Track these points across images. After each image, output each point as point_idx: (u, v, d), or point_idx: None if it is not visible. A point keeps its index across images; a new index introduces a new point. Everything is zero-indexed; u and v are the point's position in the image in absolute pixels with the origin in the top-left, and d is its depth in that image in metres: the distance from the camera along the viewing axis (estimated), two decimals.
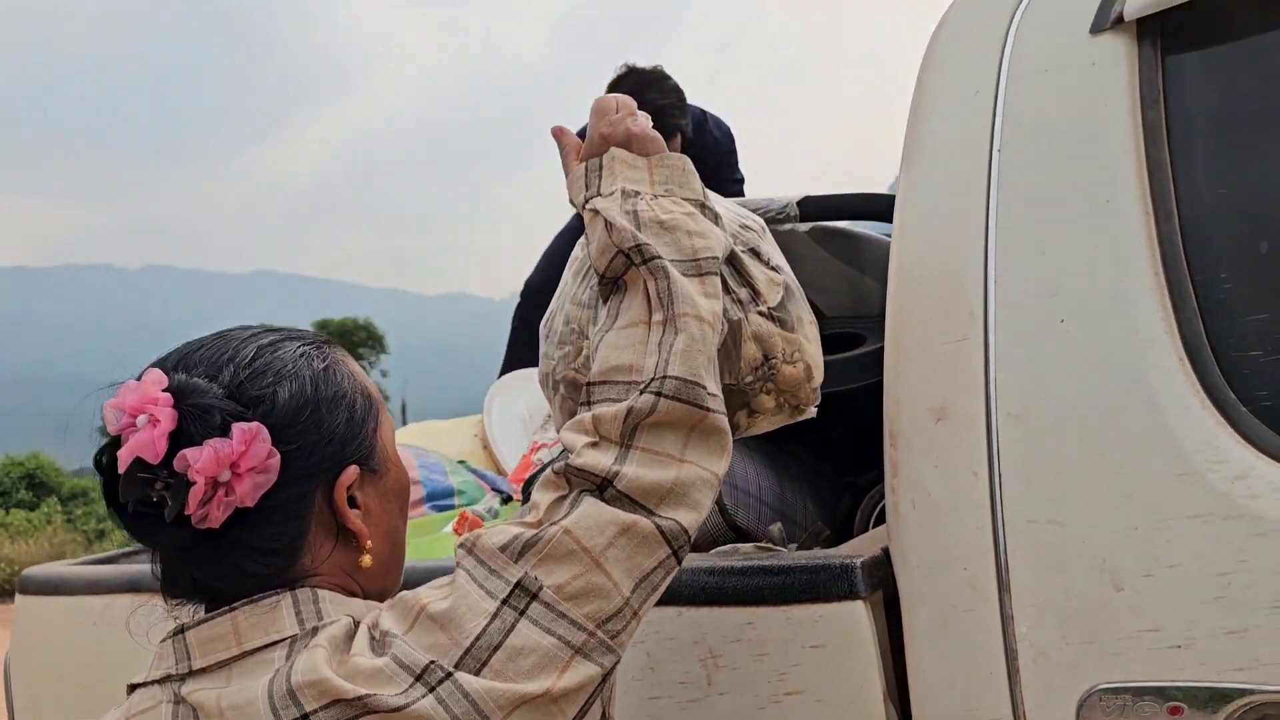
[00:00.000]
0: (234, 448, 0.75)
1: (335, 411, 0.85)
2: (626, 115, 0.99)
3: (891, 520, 0.93)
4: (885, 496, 0.96)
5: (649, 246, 0.88)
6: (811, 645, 0.94)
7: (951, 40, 1.02)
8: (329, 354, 0.90)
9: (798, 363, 1.04)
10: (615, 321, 0.90)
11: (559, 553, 0.77)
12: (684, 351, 0.84)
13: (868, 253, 1.50)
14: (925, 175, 0.98)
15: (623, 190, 0.94)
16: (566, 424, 0.87)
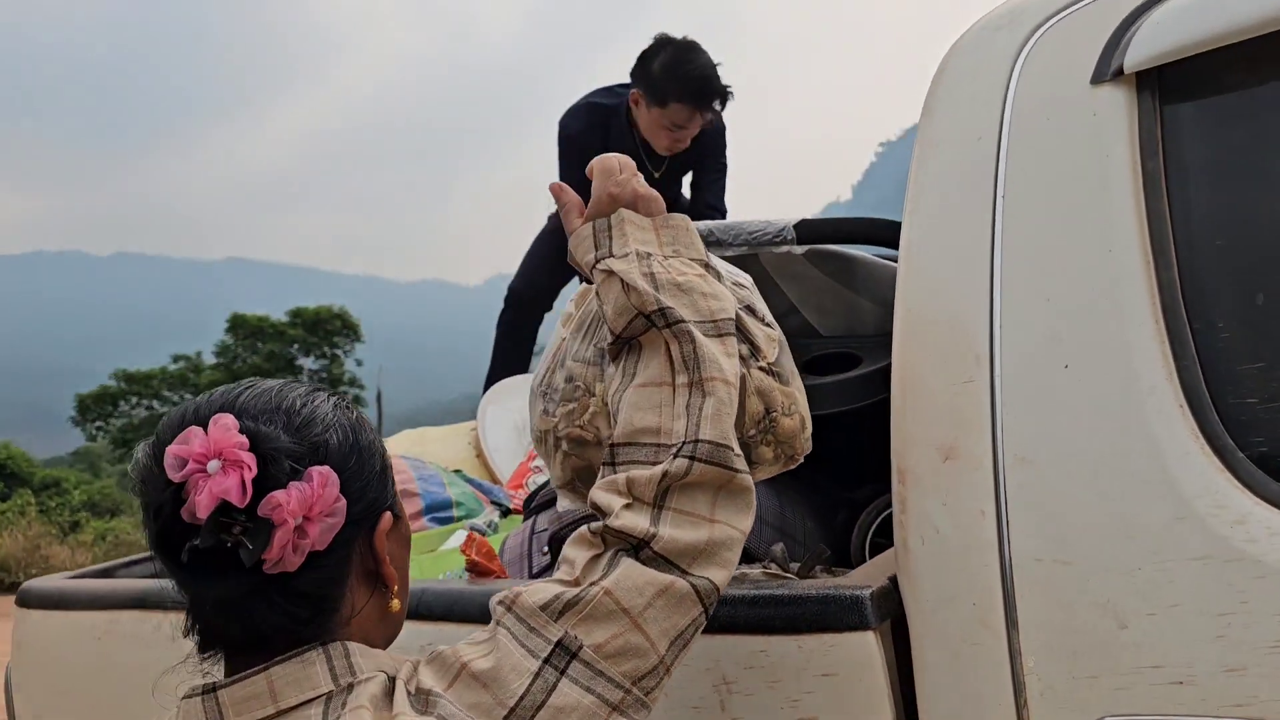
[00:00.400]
0: (315, 490, 0.77)
1: (372, 459, 0.88)
2: (632, 175, 1.03)
3: (901, 554, 0.97)
4: (894, 529, 0.99)
5: (672, 310, 0.91)
6: (823, 673, 0.97)
7: (953, 86, 1.05)
8: (353, 406, 0.93)
9: (794, 415, 1.08)
10: (633, 380, 0.93)
11: (600, 613, 0.80)
12: (714, 415, 0.87)
13: (862, 274, 1.53)
14: (930, 220, 1.01)
15: (636, 252, 0.96)
16: (598, 484, 0.90)
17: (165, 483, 0.78)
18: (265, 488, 0.76)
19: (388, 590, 0.88)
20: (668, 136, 2.80)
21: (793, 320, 1.62)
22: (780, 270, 1.59)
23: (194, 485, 0.75)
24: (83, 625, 1.77)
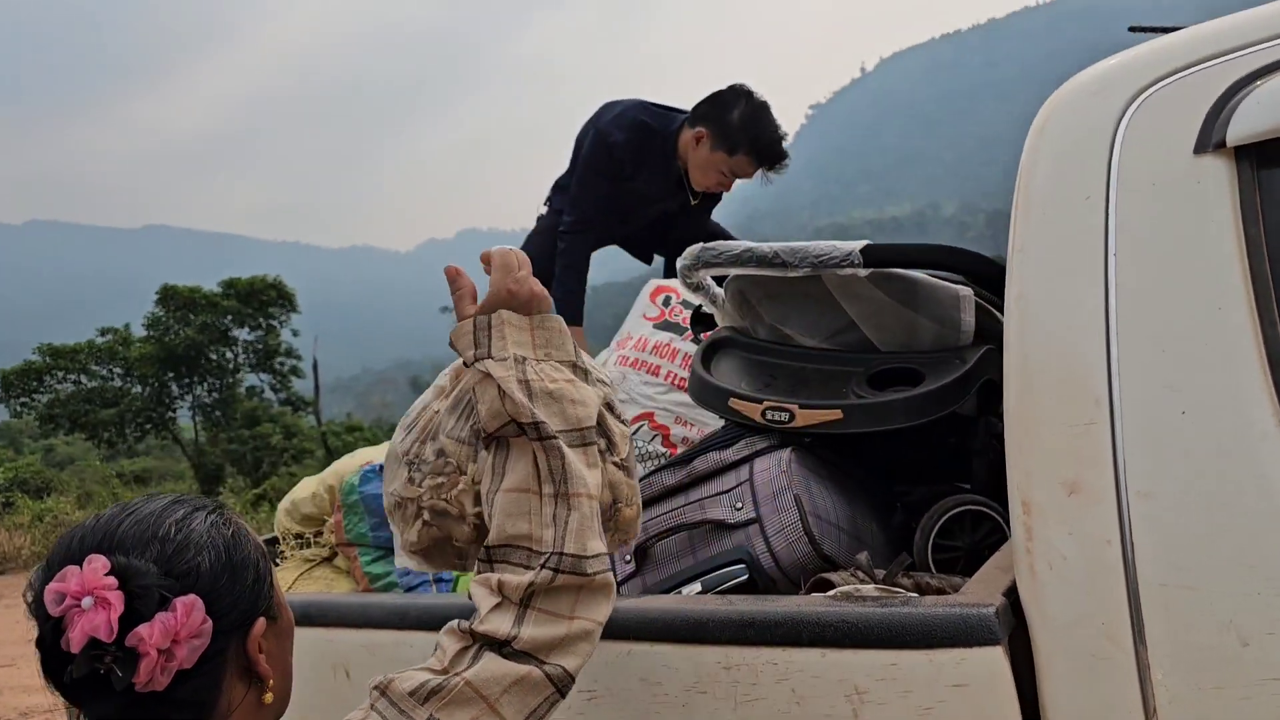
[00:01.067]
0: (178, 619, 0.88)
1: (245, 572, 0.99)
2: (529, 273, 1.14)
3: (1026, 578, 1.08)
4: (1017, 554, 1.10)
5: (545, 425, 1.04)
6: (954, 684, 1.08)
7: (1056, 147, 1.15)
8: (231, 519, 1.04)
9: (634, 505, 1.24)
10: (503, 482, 1.06)
11: (460, 699, 0.95)
12: (578, 530, 1.02)
13: (923, 295, 1.64)
14: (1041, 273, 1.12)
15: (515, 357, 1.08)
16: (475, 579, 1.06)
17: (46, 615, 0.89)
18: (132, 622, 0.86)
19: (263, 684, 1.00)
20: (718, 180, 2.98)
21: (851, 335, 1.73)
22: (843, 290, 1.69)
23: (69, 620, 0.87)
24: None
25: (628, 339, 2.37)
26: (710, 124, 2.95)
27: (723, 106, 2.95)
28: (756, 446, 1.62)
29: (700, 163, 2.97)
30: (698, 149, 2.97)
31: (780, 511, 1.52)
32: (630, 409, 2.28)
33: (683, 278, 1.83)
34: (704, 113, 2.98)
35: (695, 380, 1.76)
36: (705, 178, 2.99)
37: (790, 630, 1.19)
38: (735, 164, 2.92)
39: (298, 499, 2.26)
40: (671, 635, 1.28)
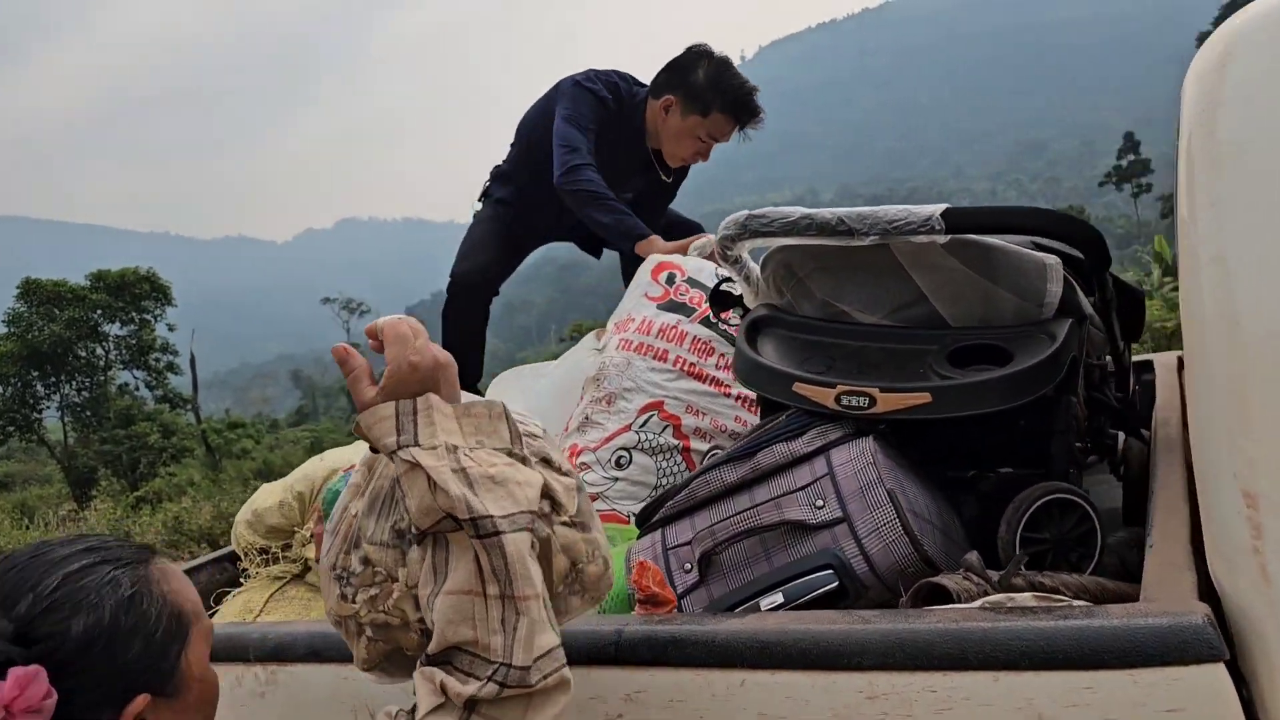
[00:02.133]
0: (7, 692, 0.80)
1: (132, 641, 0.91)
2: (426, 340, 1.02)
3: (1258, 582, 0.93)
4: (1232, 556, 0.95)
5: (485, 521, 0.92)
6: (1168, 709, 0.93)
7: (1249, 87, 1.00)
8: (140, 575, 0.94)
9: (598, 560, 1.10)
10: (445, 584, 0.95)
11: None
12: (527, 637, 0.93)
13: (1002, 264, 1.48)
14: (1248, 230, 0.96)
15: (445, 445, 0.96)
16: (420, 670, 0.96)
17: None
18: None
19: None
20: (694, 146, 2.80)
21: (918, 310, 1.56)
22: (915, 260, 1.52)
23: None
24: None
25: (629, 320, 2.17)
26: (676, 90, 2.80)
27: (685, 70, 2.81)
28: (830, 436, 1.44)
29: (674, 132, 2.80)
30: (668, 119, 2.81)
31: (872, 509, 1.35)
32: (637, 398, 2.09)
33: (722, 248, 1.64)
34: (666, 80, 2.83)
35: (746, 364, 1.57)
36: (681, 148, 2.82)
37: (953, 650, 1.02)
38: (711, 124, 2.77)
39: (261, 509, 1.99)
40: (798, 661, 1.09)
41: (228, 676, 1.45)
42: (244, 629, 1.49)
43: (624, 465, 2.08)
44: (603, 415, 2.12)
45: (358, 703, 1.34)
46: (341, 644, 1.37)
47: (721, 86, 2.75)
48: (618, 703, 1.17)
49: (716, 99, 2.75)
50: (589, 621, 1.25)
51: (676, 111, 2.79)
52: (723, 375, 2.12)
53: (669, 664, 1.15)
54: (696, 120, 2.77)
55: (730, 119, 2.78)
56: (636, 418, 2.09)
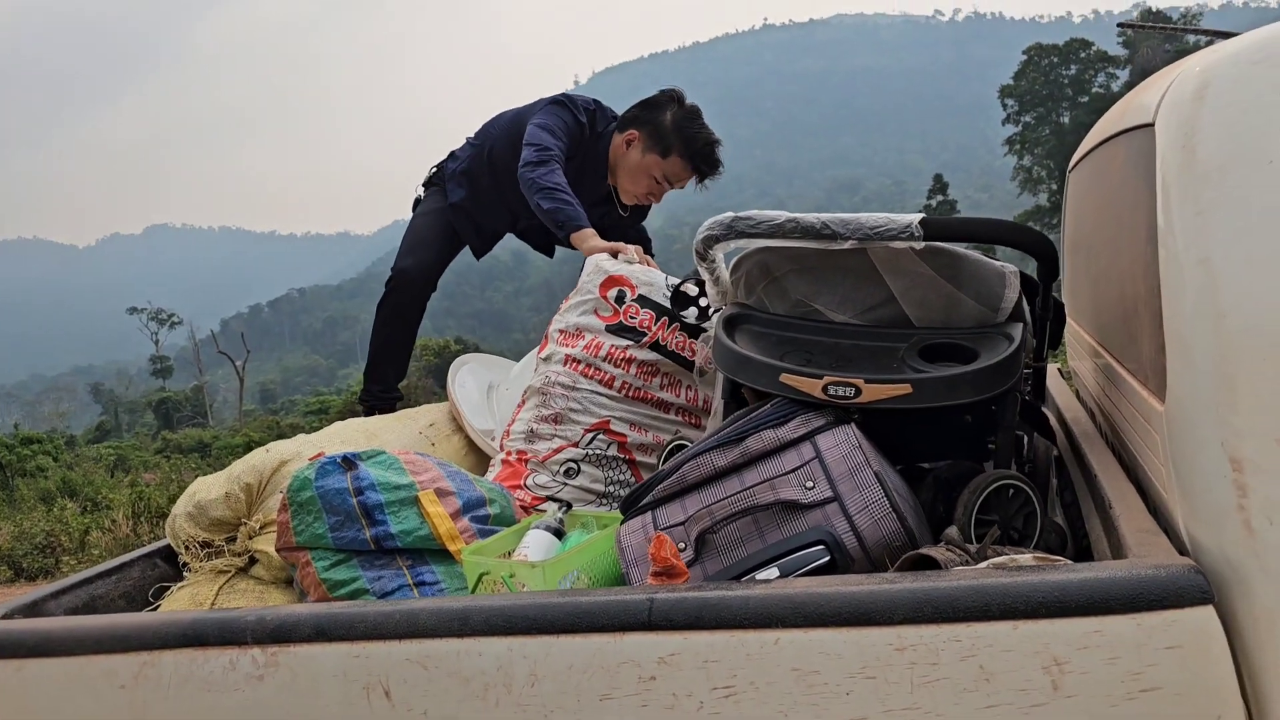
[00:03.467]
0: None
1: None
2: None
3: (1243, 535, 1.09)
4: (1219, 514, 1.11)
5: None
6: (1168, 646, 1.07)
7: (1225, 113, 1.18)
8: None
9: None
10: None
11: None
12: None
13: (967, 270, 1.64)
14: (1234, 234, 1.13)
15: None
16: None
17: None
18: None
19: None
20: (647, 185, 2.85)
21: (887, 310, 1.70)
22: (888, 264, 1.65)
23: None
24: (89, 674, 1.47)
25: (578, 336, 2.22)
26: (642, 126, 2.86)
27: (654, 109, 2.88)
28: (815, 423, 1.55)
29: (631, 168, 2.86)
30: (628, 153, 2.87)
31: (861, 489, 1.46)
32: (584, 418, 2.15)
33: (704, 246, 1.73)
34: (634, 116, 2.89)
35: (729, 356, 1.67)
36: (636, 185, 2.87)
37: (977, 603, 1.13)
38: (668, 167, 2.83)
39: (204, 501, 1.93)
40: (831, 619, 1.18)
41: (220, 660, 1.42)
42: (236, 612, 1.46)
43: (572, 475, 2.13)
44: (549, 431, 2.17)
45: (371, 679, 1.34)
46: (350, 623, 1.38)
47: (686, 133, 2.81)
48: (651, 666, 1.23)
49: (679, 144, 2.81)
50: (616, 592, 1.30)
51: (637, 147, 2.85)
52: (665, 395, 2.21)
53: (703, 627, 1.22)
54: (655, 160, 2.83)
55: (688, 166, 2.84)
56: (583, 435, 2.15)
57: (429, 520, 1.73)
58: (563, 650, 1.26)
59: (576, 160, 2.87)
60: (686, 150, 2.82)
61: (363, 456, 1.78)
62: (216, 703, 1.41)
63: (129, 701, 1.44)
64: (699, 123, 2.84)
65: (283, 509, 1.76)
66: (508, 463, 2.14)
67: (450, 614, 1.34)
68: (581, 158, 2.89)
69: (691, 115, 2.84)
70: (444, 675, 1.31)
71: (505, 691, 1.28)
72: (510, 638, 1.29)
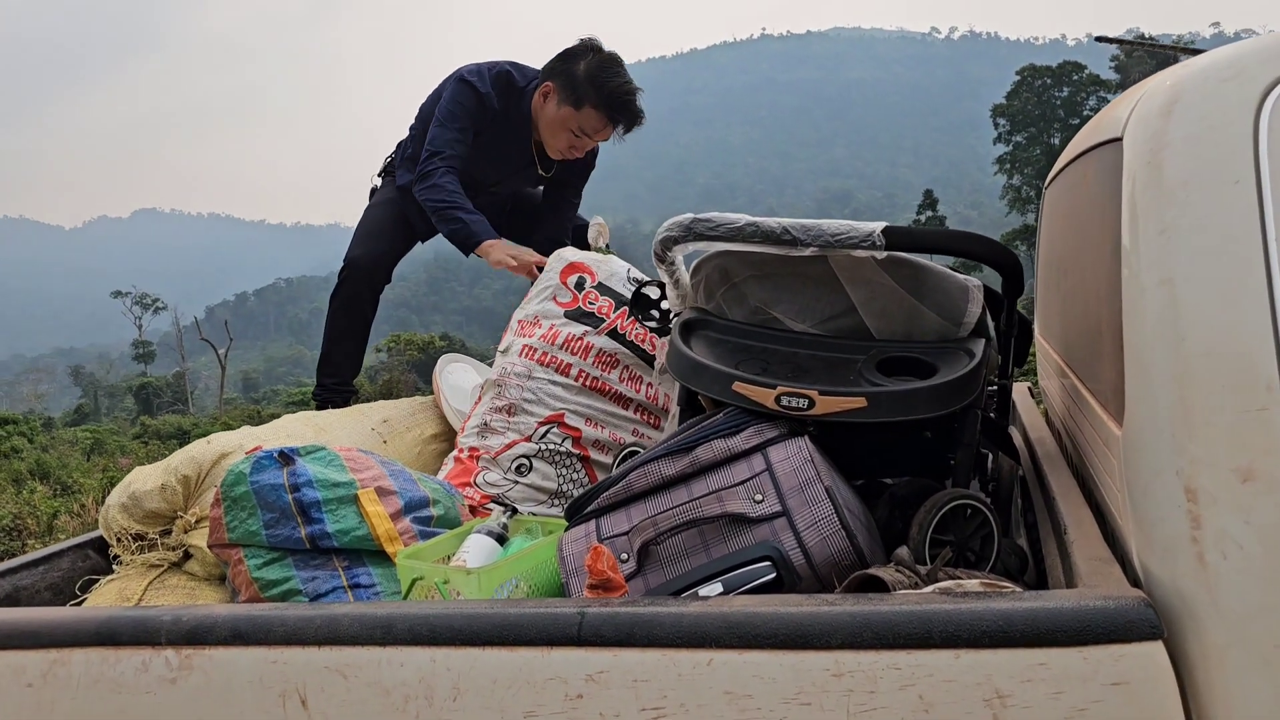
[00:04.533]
0: None
1: None
2: None
3: (1191, 568, 1.04)
4: (1173, 546, 1.06)
5: None
6: (1113, 683, 1.02)
7: (1191, 128, 1.13)
8: None
9: None
10: None
11: None
12: None
13: (930, 283, 1.59)
14: (1194, 256, 1.08)
15: None
16: None
17: None
18: None
19: None
20: (567, 140, 2.76)
21: (846, 321, 1.65)
22: (849, 273, 1.60)
23: None
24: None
25: (535, 324, 2.17)
26: (557, 77, 2.77)
27: (569, 59, 2.78)
28: (767, 434, 1.50)
29: (549, 121, 2.78)
30: (545, 105, 2.78)
31: (811, 504, 1.41)
32: (538, 409, 2.09)
33: (662, 247, 1.68)
34: (551, 67, 2.79)
35: (683, 362, 1.61)
36: (555, 139, 2.79)
37: (918, 630, 1.08)
38: (583, 119, 2.74)
39: (140, 492, 1.86)
40: (766, 641, 1.13)
41: (132, 661, 1.36)
42: (152, 611, 1.39)
43: (524, 472, 2.07)
44: (502, 424, 2.11)
45: (288, 686, 1.28)
46: (268, 626, 1.32)
47: (599, 82, 2.71)
48: (579, 684, 1.17)
49: (592, 93, 2.71)
50: (547, 604, 1.25)
51: (553, 99, 2.77)
52: (625, 389, 2.15)
53: (634, 644, 1.17)
54: (569, 112, 2.74)
55: (603, 116, 2.75)
56: (536, 429, 2.09)
57: (368, 520, 1.67)
58: (488, 663, 1.21)
59: (490, 131, 2.81)
60: (601, 99, 2.72)
61: (301, 452, 1.71)
62: (127, 705, 1.34)
63: (35, 701, 1.38)
64: (613, 70, 2.75)
65: (216, 504, 1.69)
66: (459, 460, 2.08)
67: (373, 621, 1.28)
68: (501, 125, 2.82)
69: (607, 63, 2.74)
70: (363, 685, 1.25)
71: (426, 705, 1.22)
72: (434, 648, 1.23)
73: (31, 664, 1.39)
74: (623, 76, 2.76)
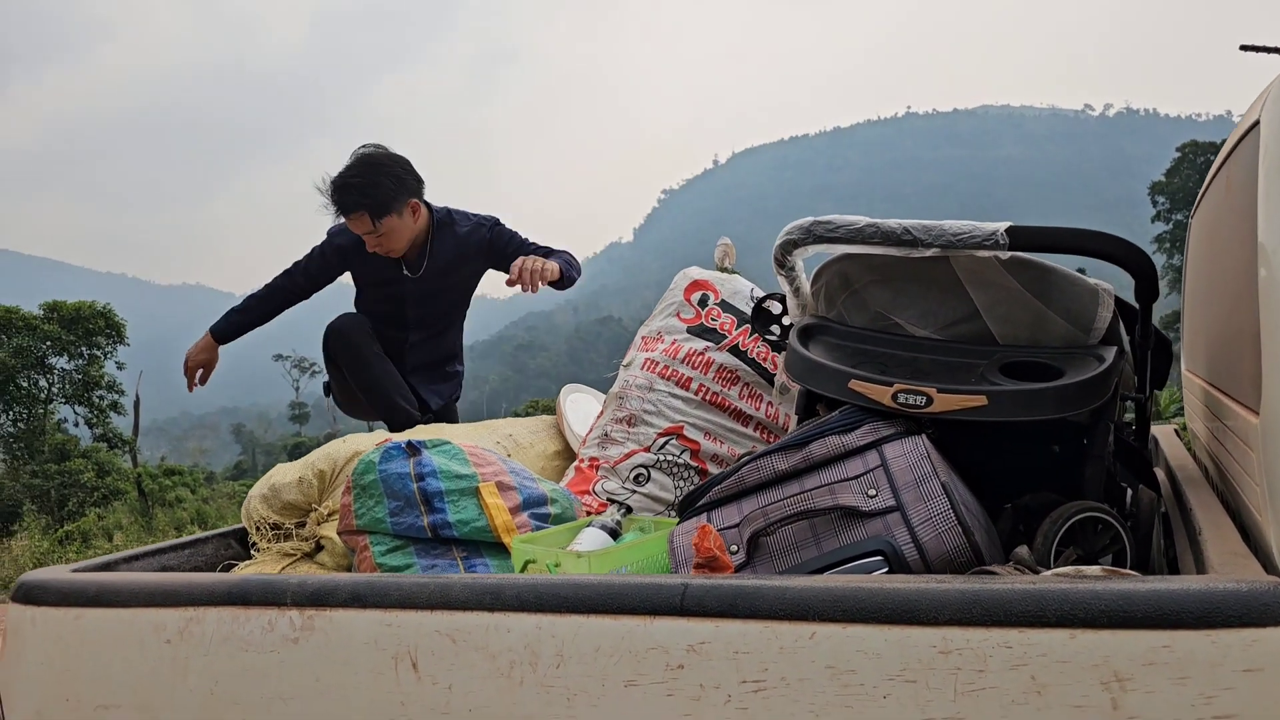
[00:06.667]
0: None
1: None
2: None
3: None
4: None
5: None
6: (1246, 669, 0.95)
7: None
8: None
9: None
10: None
11: None
12: None
13: (1057, 286, 1.55)
14: None
15: None
16: None
17: None
18: None
19: None
20: (370, 243, 2.88)
21: (968, 327, 1.62)
22: (972, 276, 1.58)
23: None
24: (139, 625, 1.50)
25: (658, 339, 2.20)
26: None
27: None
28: (883, 432, 1.48)
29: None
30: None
31: (927, 500, 1.37)
32: (658, 421, 2.11)
33: (782, 252, 1.69)
34: None
35: (800, 362, 1.61)
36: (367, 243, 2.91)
37: (1032, 608, 1.04)
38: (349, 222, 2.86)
39: (279, 484, 1.96)
40: (872, 615, 1.10)
41: (259, 620, 1.42)
42: (280, 576, 1.47)
43: (642, 482, 2.09)
44: (622, 434, 2.14)
45: (400, 649, 1.32)
46: (385, 590, 1.36)
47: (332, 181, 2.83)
48: (680, 654, 1.17)
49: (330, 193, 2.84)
50: (651, 576, 1.25)
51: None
52: (745, 406, 2.15)
53: (736, 615, 1.16)
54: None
55: (338, 211, 2.84)
56: (655, 440, 2.11)
57: (487, 512, 1.71)
58: (591, 631, 1.22)
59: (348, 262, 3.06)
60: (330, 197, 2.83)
61: (428, 444, 1.78)
62: (253, 662, 1.41)
63: (172, 655, 1.46)
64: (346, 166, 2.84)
65: (346, 492, 1.77)
66: (579, 469, 2.11)
67: (482, 588, 1.31)
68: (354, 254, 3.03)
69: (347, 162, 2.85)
70: (471, 649, 1.28)
71: (530, 670, 1.24)
72: (540, 615, 1.25)
73: (170, 621, 1.48)
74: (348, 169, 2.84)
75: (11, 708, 1.60)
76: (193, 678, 1.44)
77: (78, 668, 1.53)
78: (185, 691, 1.44)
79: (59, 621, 1.57)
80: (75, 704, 1.53)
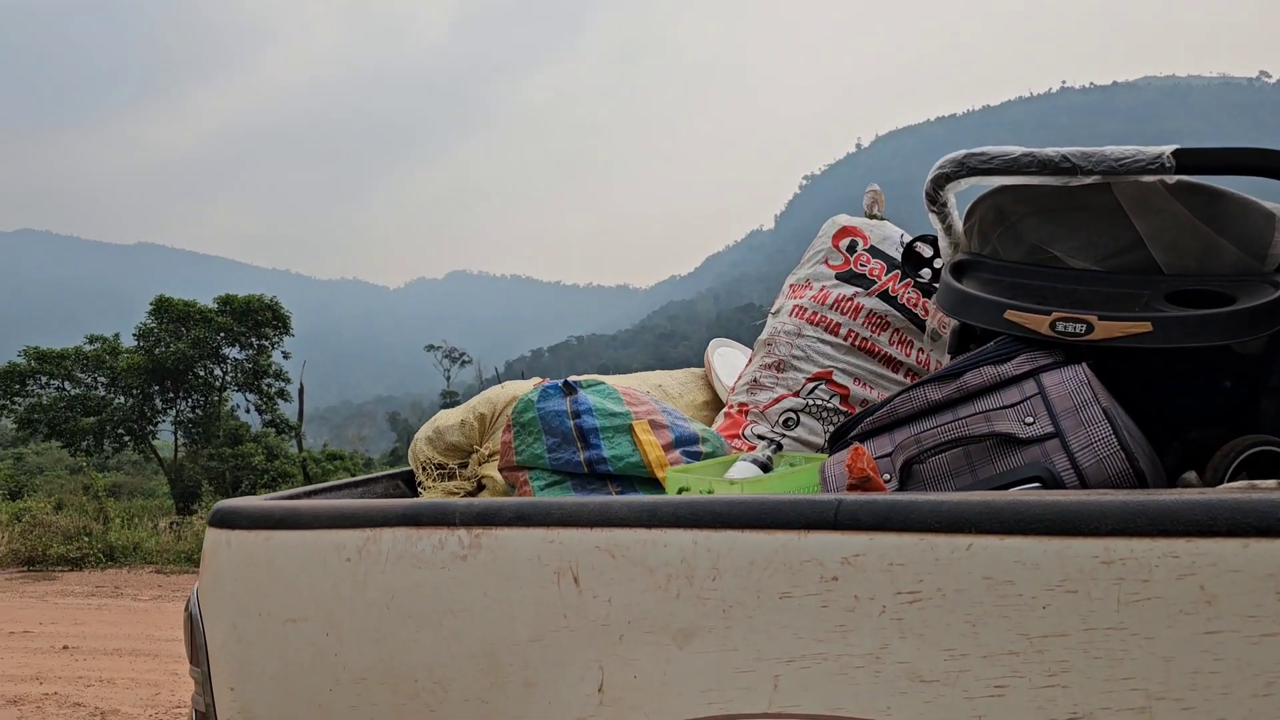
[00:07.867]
0: None
1: None
2: None
3: None
4: None
5: None
6: None
7: None
8: None
9: None
10: None
11: None
12: None
13: (1228, 212, 1.49)
14: None
15: None
16: None
17: None
18: None
19: None
20: None
21: (1132, 257, 1.57)
22: (1136, 203, 1.53)
23: None
24: (322, 546, 1.61)
25: (806, 286, 2.21)
26: None
27: None
28: (1041, 361, 1.45)
29: None
30: None
31: (1087, 425, 1.34)
32: (806, 366, 2.12)
33: (934, 186, 1.67)
34: None
35: (953, 295, 1.60)
36: None
37: (1201, 517, 1.01)
38: None
39: (443, 427, 2.07)
40: (1031, 526, 1.09)
41: (431, 539, 1.51)
42: (449, 500, 1.55)
43: (791, 426, 2.10)
44: (771, 379, 2.16)
45: (562, 565, 1.38)
46: (547, 510, 1.43)
47: None
48: (834, 566, 1.19)
49: None
50: (805, 495, 1.27)
51: None
52: (895, 352, 2.13)
53: (890, 529, 1.17)
54: None
55: None
56: (804, 385, 2.12)
57: (640, 448, 1.76)
58: (745, 545, 1.25)
59: None
60: None
61: (583, 384, 1.85)
62: (425, 579, 1.50)
63: (352, 573, 1.57)
64: None
65: (506, 430, 1.85)
66: (729, 414, 2.14)
67: (640, 505, 1.36)
68: None
69: None
70: (630, 564, 1.33)
71: (687, 583, 1.28)
72: (696, 530, 1.29)
73: (350, 541, 1.59)
74: None
75: (211, 622, 1.75)
76: (370, 593, 1.54)
77: (268, 585, 1.67)
78: (364, 605, 1.55)
79: (251, 543, 1.70)
80: (266, 618, 1.66)
